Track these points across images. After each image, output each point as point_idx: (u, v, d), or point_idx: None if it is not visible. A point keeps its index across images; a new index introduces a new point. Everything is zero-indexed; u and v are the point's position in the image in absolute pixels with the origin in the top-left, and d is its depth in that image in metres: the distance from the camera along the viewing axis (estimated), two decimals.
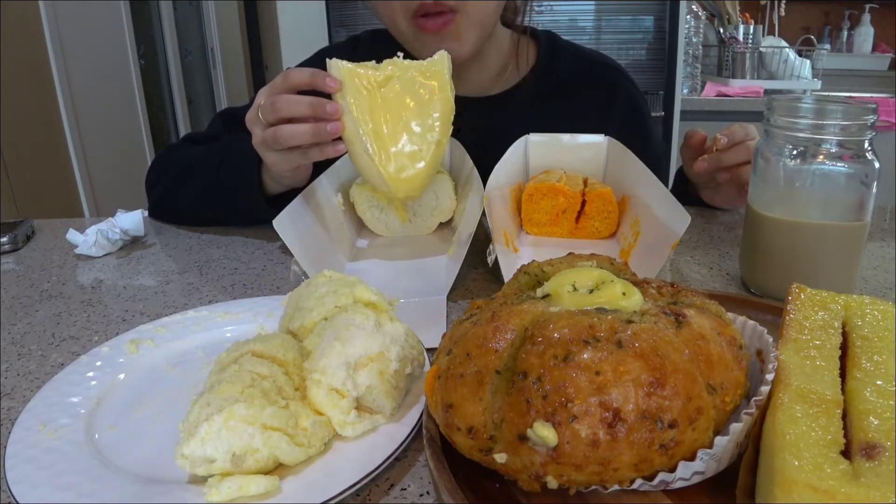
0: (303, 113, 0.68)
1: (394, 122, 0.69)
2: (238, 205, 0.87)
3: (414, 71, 0.69)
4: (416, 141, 0.69)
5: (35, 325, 0.65)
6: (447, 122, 0.71)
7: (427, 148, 0.70)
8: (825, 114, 0.57)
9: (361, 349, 0.44)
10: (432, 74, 0.70)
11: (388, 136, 0.69)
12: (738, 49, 2.66)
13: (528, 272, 0.46)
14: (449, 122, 0.71)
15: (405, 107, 0.69)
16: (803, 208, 0.60)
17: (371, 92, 0.68)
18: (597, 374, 0.33)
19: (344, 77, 0.68)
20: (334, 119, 0.68)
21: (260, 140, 0.73)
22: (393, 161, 0.69)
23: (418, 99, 0.69)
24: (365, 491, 0.41)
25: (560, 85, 1.02)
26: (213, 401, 0.39)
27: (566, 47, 1.06)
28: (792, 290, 0.45)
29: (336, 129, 0.68)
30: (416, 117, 0.69)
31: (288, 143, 0.69)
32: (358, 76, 0.68)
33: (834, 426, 0.33)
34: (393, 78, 0.69)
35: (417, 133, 0.69)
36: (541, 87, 1.02)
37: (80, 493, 0.38)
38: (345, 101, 0.68)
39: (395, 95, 0.69)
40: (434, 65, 0.70)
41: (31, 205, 2.12)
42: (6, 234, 0.88)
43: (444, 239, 0.84)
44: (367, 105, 0.68)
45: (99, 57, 2.59)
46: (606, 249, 0.78)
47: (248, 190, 0.84)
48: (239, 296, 0.70)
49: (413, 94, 0.69)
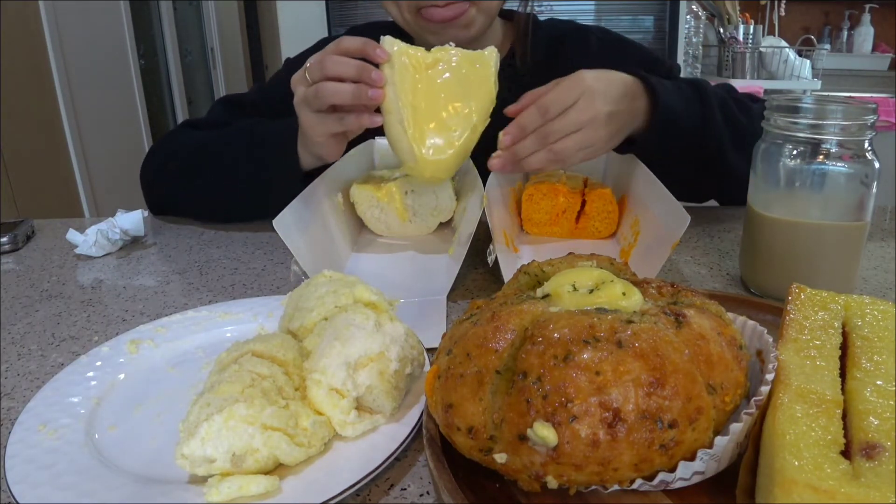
0: (348, 74, 0.69)
1: (433, 102, 0.70)
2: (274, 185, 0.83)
3: (461, 59, 0.70)
4: (451, 125, 0.70)
5: (35, 325, 0.65)
6: (485, 112, 0.71)
7: (461, 133, 0.70)
8: (825, 114, 0.57)
9: (361, 349, 0.44)
10: (480, 65, 0.70)
11: (425, 115, 0.70)
12: (738, 49, 2.66)
13: (528, 272, 0.46)
14: (487, 113, 0.71)
15: (447, 90, 0.70)
16: (803, 208, 0.60)
17: (417, 70, 0.69)
18: (597, 374, 0.33)
19: (394, 53, 0.69)
20: (377, 86, 0.68)
21: (302, 97, 0.73)
22: (426, 139, 0.70)
23: (461, 86, 0.70)
24: (365, 491, 0.41)
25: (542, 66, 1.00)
26: (213, 401, 0.39)
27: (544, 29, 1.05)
28: (792, 290, 0.45)
29: (377, 95, 0.68)
30: (456, 102, 0.70)
31: (329, 99, 0.69)
32: (407, 55, 0.69)
33: (834, 426, 0.33)
34: (440, 61, 0.70)
35: (455, 118, 0.70)
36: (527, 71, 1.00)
37: (80, 493, 0.38)
38: (391, 71, 0.69)
39: (440, 78, 0.70)
40: (482, 57, 0.71)
41: (31, 205, 2.12)
42: (6, 234, 0.88)
43: (444, 239, 0.84)
44: (410, 81, 0.69)
45: (99, 57, 2.59)
46: (606, 249, 0.78)
47: (288, 166, 0.81)
48: (239, 296, 0.70)
49: (457, 80, 0.70)
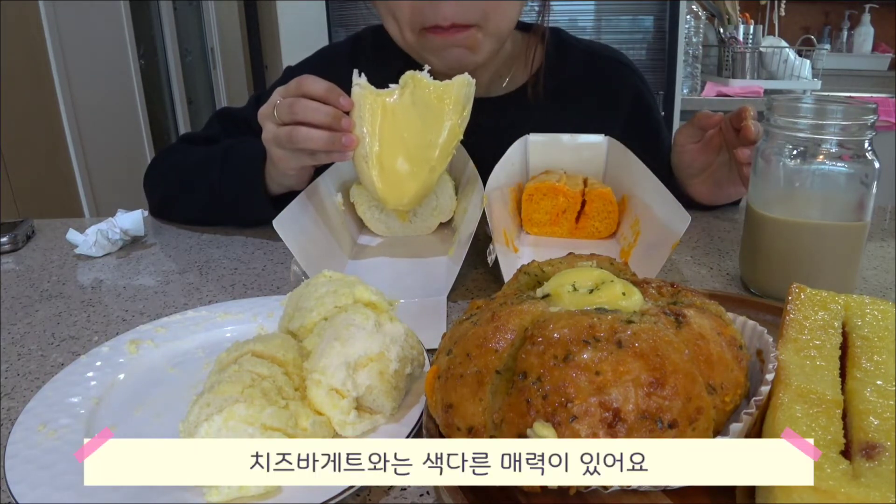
0: (320, 121, 0.69)
1: (396, 141, 0.70)
2: (240, 207, 0.87)
3: (430, 91, 0.69)
4: (412, 161, 0.71)
5: (35, 325, 0.65)
6: (447, 150, 0.71)
7: (420, 171, 0.71)
8: (825, 114, 0.57)
9: (361, 349, 0.44)
10: (448, 98, 0.69)
11: (387, 153, 0.70)
12: (738, 49, 2.66)
13: (528, 272, 0.46)
14: (449, 151, 0.71)
15: (410, 129, 0.70)
16: (803, 208, 0.60)
17: (383, 111, 0.70)
18: (597, 374, 0.33)
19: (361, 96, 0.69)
20: (349, 132, 0.69)
21: (272, 136, 0.74)
22: (388, 176, 0.71)
23: (426, 122, 0.70)
24: (365, 491, 0.41)
25: (566, 84, 1.00)
26: (213, 401, 0.39)
27: (573, 44, 1.04)
28: (792, 290, 0.45)
29: (350, 142, 0.69)
30: (419, 141, 0.70)
31: (302, 145, 0.70)
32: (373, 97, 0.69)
33: (834, 426, 0.33)
34: (407, 90, 0.69)
35: (415, 157, 0.71)
36: (547, 86, 1.00)
37: (80, 493, 0.38)
38: (357, 109, 0.70)
39: (404, 112, 0.69)
40: (451, 88, 0.70)
41: (31, 205, 2.12)
42: (6, 234, 0.88)
43: (444, 239, 0.84)
44: (376, 122, 0.69)
45: (99, 57, 2.59)
46: (606, 249, 0.78)
47: (251, 191, 0.84)
48: (239, 296, 0.70)
49: (422, 117, 0.70)
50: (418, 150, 0.70)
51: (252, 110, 1.02)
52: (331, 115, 0.69)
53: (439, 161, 0.71)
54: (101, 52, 2.62)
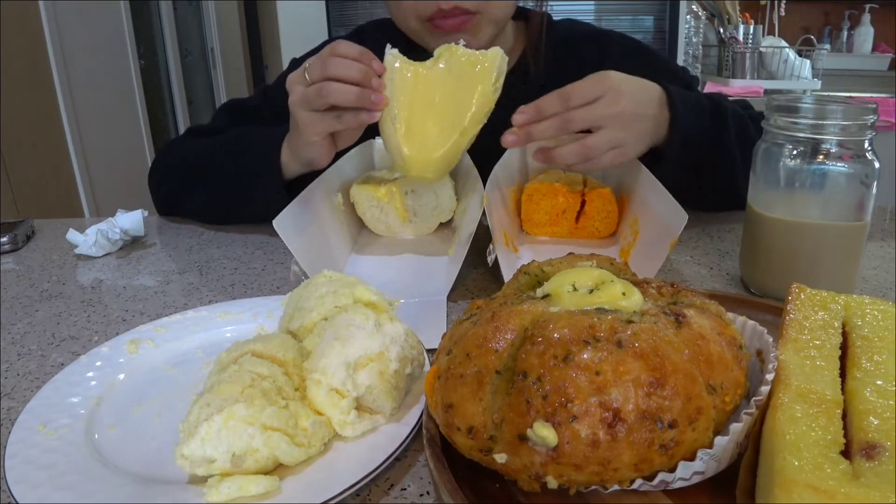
0: (352, 77, 0.69)
1: (427, 103, 0.70)
2: (254, 193, 0.85)
3: (464, 60, 0.70)
4: (443, 127, 0.71)
5: (35, 325, 0.65)
6: (479, 116, 0.71)
7: (450, 136, 0.71)
8: (825, 114, 0.57)
9: (361, 349, 0.44)
10: (481, 68, 0.70)
11: (417, 115, 0.70)
12: (738, 49, 2.66)
13: (528, 272, 0.46)
14: (481, 117, 0.71)
15: (443, 92, 0.70)
16: (803, 208, 0.60)
17: (416, 75, 0.70)
18: (597, 375, 0.33)
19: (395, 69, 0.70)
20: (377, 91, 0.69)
21: (300, 96, 0.73)
22: (416, 139, 0.71)
23: (459, 88, 0.70)
24: (365, 491, 0.41)
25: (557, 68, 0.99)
26: (213, 401, 0.39)
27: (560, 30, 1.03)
28: (792, 290, 0.45)
29: (380, 100, 0.69)
30: (450, 105, 0.70)
31: (332, 98, 0.70)
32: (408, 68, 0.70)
33: (834, 426, 0.33)
34: (442, 60, 0.70)
35: (447, 120, 0.71)
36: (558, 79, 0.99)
37: (79, 493, 0.38)
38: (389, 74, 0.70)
39: (438, 80, 0.70)
40: (485, 58, 0.70)
41: (31, 205, 2.12)
42: (6, 234, 0.88)
43: (444, 239, 0.84)
44: (407, 83, 0.70)
45: (99, 57, 2.59)
46: (606, 249, 0.78)
47: (268, 173, 0.82)
48: (239, 296, 0.70)
49: (455, 82, 0.70)
50: (449, 113, 0.71)
51: (261, 98, 1.02)
52: (363, 71, 0.69)
53: (471, 124, 0.71)
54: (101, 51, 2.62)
